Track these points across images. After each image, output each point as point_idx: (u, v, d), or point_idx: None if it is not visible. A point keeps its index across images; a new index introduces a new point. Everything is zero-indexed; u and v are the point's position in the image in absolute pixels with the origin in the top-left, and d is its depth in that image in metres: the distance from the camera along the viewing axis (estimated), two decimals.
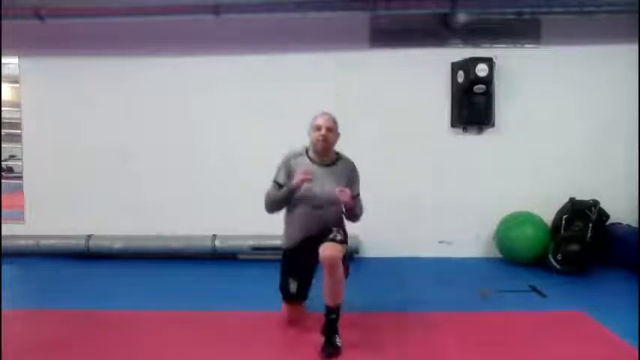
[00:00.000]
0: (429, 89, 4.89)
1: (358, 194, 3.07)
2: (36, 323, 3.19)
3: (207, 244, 4.81)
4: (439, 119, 4.91)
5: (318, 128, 2.92)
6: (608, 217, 4.61)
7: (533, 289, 3.87)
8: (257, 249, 4.75)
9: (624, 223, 4.65)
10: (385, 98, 4.85)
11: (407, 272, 4.44)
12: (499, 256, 4.80)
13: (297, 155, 3.02)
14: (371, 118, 4.79)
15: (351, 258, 4.71)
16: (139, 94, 5.03)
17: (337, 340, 2.74)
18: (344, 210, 3.00)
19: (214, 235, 4.84)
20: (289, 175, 2.96)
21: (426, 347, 2.82)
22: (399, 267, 4.59)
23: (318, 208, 2.95)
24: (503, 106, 4.83)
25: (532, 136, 4.88)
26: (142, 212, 5.00)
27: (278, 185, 2.99)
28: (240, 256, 4.86)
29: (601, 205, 4.57)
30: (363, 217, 3.10)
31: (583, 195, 4.63)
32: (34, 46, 4.99)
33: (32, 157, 5.14)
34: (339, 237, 2.86)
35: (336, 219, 3.01)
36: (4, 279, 4.04)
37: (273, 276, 3.00)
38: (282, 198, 2.95)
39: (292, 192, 2.90)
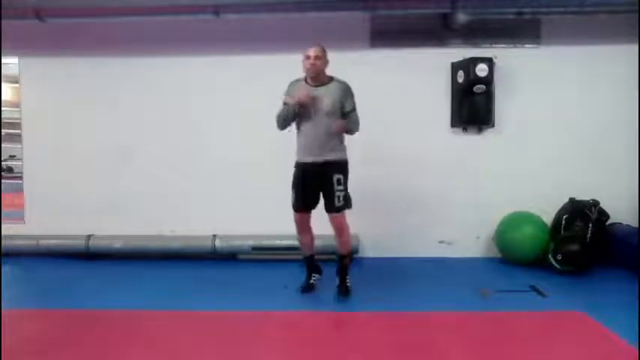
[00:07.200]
0: (429, 89, 4.89)
1: (353, 109, 3.61)
2: (36, 323, 3.19)
3: (207, 244, 4.80)
4: (439, 119, 4.90)
5: (308, 57, 3.48)
6: (608, 217, 4.60)
7: (533, 289, 3.87)
8: (257, 249, 4.75)
9: (624, 223, 4.65)
10: (385, 98, 4.83)
11: (407, 272, 4.43)
12: (499, 256, 4.79)
13: (297, 81, 3.63)
14: (371, 118, 4.78)
15: (350, 258, 4.72)
16: (139, 94, 5.02)
17: (348, 282, 3.62)
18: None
19: (214, 235, 4.84)
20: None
21: (426, 347, 2.83)
22: (399, 267, 4.59)
23: (316, 120, 3.50)
24: (503, 106, 4.83)
25: (532, 136, 4.87)
26: (142, 212, 5.00)
27: (285, 106, 3.59)
28: (240, 256, 4.85)
29: (601, 205, 4.57)
30: (363, 217, 3.10)
31: (583, 195, 4.63)
32: (34, 46, 4.98)
33: (32, 157, 5.14)
34: (341, 201, 3.48)
35: (333, 130, 3.53)
36: (4, 279, 4.04)
37: (273, 276, 3.00)
38: (286, 114, 3.55)
39: (293, 109, 3.50)
